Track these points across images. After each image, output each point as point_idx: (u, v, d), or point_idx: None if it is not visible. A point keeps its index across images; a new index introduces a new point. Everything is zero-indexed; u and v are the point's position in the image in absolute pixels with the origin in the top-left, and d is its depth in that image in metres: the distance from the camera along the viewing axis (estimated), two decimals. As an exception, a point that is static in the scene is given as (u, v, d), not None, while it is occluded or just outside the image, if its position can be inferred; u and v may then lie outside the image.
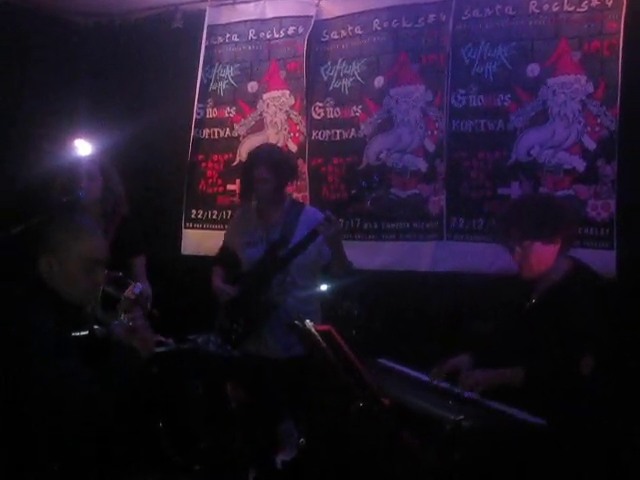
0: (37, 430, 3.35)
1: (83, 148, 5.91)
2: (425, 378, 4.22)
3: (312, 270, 5.10)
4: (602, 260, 5.06)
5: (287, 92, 6.49)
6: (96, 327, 4.68)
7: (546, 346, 3.83)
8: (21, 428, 3.32)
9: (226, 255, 5.45)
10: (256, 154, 5.25)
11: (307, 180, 6.27)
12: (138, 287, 5.09)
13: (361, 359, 3.70)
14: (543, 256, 3.99)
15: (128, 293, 4.99)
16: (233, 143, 6.73)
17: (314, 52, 6.38)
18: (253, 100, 6.66)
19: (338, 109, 6.24)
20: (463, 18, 5.73)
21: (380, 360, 4.56)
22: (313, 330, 3.67)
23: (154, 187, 6.96)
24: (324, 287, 4.87)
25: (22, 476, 3.33)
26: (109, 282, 4.92)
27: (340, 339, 3.60)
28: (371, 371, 3.77)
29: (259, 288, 5.02)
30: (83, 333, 4.59)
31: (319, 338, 3.65)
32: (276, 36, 6.57)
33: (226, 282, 5.31)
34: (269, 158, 5.15)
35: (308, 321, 3.75)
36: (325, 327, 3.62)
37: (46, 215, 4.86)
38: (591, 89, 5.28)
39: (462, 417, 3.46)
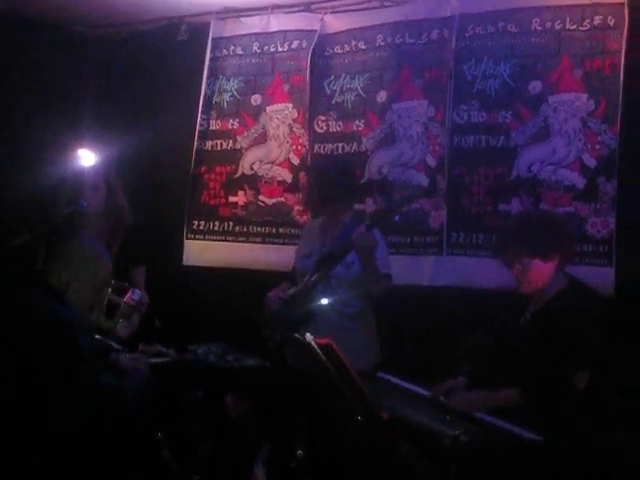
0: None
1: (86, 158, 5.96)
2: (423, 392, 4.24)
3: (355, 285, 5.03)
4: (601, 277, 5.09)
5: (290, 105, 6.53)
6: (97, 336, 4.74)
7: (540, 362, 3.86)
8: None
9: (293, 270, 5.41)
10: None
11: (308, 193, 6.30)
12: (137, 293, 5.18)
13: (360, 373, 3.74)
14: (541, 273, 4.03)
15: (128, 299, 5.08)
16: (236, 155, 6.77)
17: (318, 66, 6.42)
18: (256, 113, 6.70)
19: (340, 123, 6.29)
20: (466, 35, 5.77)
21: (379, 374, 4.58)
22: (313, 344, 3.70)
23: (156, 198, 7.00)
24: (324, 301, 4.85)
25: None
26: (114, 290, 4.99)
27: (340, 353, 3.63)
28: (370, 385, 3.80)
29: (301, 299, 4.99)
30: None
31: (319, 352, 3.68)
32: (280, 49, 6.62)
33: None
34: (321, 165, 5.33)
35: (308, 335, 3.77)
36: (325, 341, 3.65)
37: (49, 226, 4.94)
38: (592, 107, 5.32)
39: (460, 432, 3.49)
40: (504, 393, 3.87)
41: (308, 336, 3.76)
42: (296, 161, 6.47)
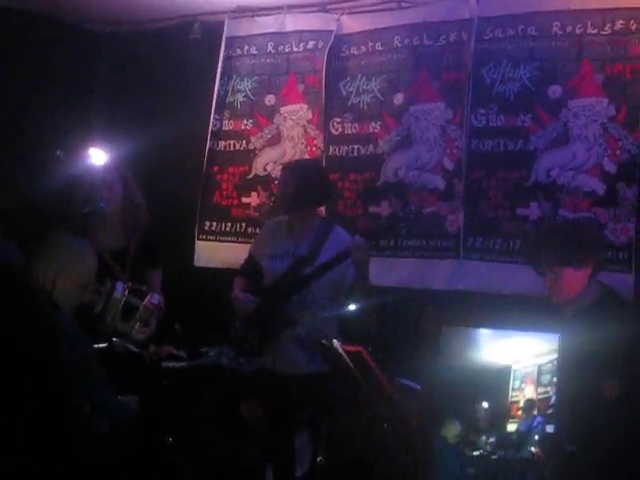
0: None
1: (97, 157, 5.92)
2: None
3: (334, 290, 5.04)
4: (620, 283, 5.02)
5: (305, 106, 6.48)
6: (114, 339, 4.70)
7: (573, 371, 3.82)
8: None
9: (251, 266, 5.41)
10: (287, 163, 5.34)
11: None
12: (155, 297, 5.15)
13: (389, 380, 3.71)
14: (574, 281, 3.99)
15: (146, 303, 5.05)
16: (249, 156, 6.71)
17: (333, 67, 6.36)
18: (270, 113, 6.64)
19: (356, 125, 6.23)
20: (485, 38, 5.72)
21: (401, 380, 4.54)
22: (341, 350, 3.66)
23: (168, 198, 6.91)
24: (352, 307, 4.83)
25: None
26: (132, 292, 4.96)
27: (371, 361, 3.60)
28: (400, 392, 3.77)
29: (279, 302, 5.00)
30: (102, 345, 4.60)
31: (346, 359, 3.65)
32: (295, 50, 6.56)
33: (247, 293, 5.27)
34: (294, 165, 5.33)
35: (335, 341, 3.74)
36: (355, 348, 3.62)
37: (67, 228, 4.89)
38: (613, 112, 5.27)
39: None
40: None
41: (335, 342, 3.74)
42: (310, 163, 6.40)
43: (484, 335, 3.00)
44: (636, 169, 5.18)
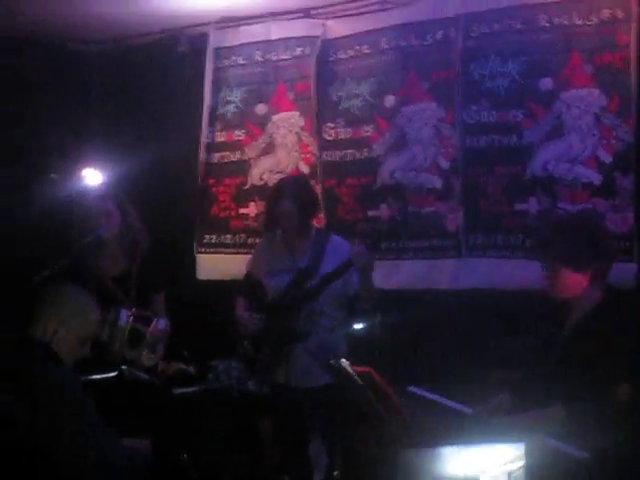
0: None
1: (92, 178, 5.90)
2: (463, 408, 4.16)
3: (339, 300, 5.04)
4: (622, 273, 4.99)
5: (297, 113, 6.48)
6: (124, 367, 4.70)
7: (581, 376, 3.80)
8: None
9: (250, 284, 5.38)
10: (280, 187, 5.20)
11: (321, 201, 6.22)
12: (162, 323, 5.15)
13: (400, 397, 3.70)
14: (571, 282, 3.93)
15: (153, 329, 5.04)
16: (244, 166, 6.72)
17: (322, 72, 6.34)
18: (262, 122, 6.64)
19: (349, 129, 6.23)
20: (472, 34, 5.69)
21: (410, 388, 4.52)
22: (350, 370, 3.66)
23: (166, 213, 6.93)
24: (359, 326, 4.83)
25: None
26: (137, 319, 4.96)
27: (381, 381, 3.59)
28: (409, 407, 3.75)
29: (287, 317, 4.97)
30: (112, 375, 4.61)
31: (356, 378, 3.64)
32: (283, 57, 6.55)
33: (251, 311, 5.23)
34: (293, 190, 5.09)
35: (344, 360, 3.74)
36: (365, 369, 3.61)
37: (69, 260, 4.88)
38: (605, 102, 5.23)
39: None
40: (550, 411, 3.80)
41: (343, 362, 3.73)
42: (306, 169, 6.42)
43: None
44: (632, 157, 5.14)
